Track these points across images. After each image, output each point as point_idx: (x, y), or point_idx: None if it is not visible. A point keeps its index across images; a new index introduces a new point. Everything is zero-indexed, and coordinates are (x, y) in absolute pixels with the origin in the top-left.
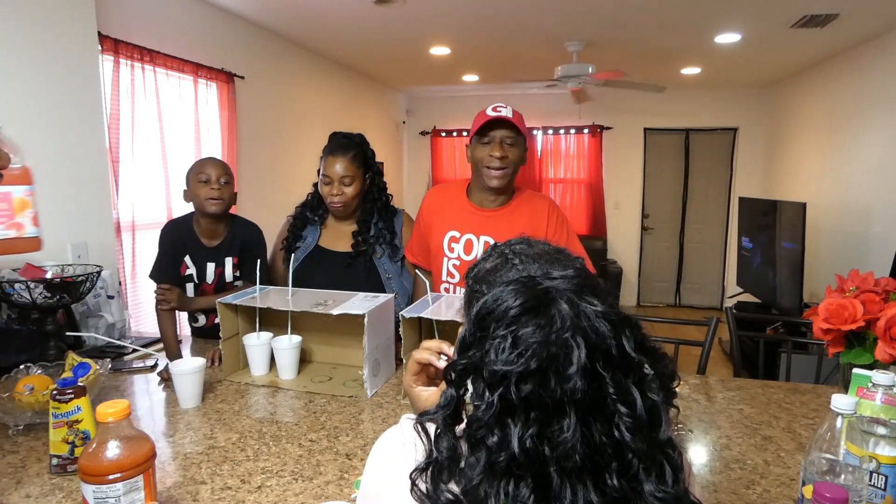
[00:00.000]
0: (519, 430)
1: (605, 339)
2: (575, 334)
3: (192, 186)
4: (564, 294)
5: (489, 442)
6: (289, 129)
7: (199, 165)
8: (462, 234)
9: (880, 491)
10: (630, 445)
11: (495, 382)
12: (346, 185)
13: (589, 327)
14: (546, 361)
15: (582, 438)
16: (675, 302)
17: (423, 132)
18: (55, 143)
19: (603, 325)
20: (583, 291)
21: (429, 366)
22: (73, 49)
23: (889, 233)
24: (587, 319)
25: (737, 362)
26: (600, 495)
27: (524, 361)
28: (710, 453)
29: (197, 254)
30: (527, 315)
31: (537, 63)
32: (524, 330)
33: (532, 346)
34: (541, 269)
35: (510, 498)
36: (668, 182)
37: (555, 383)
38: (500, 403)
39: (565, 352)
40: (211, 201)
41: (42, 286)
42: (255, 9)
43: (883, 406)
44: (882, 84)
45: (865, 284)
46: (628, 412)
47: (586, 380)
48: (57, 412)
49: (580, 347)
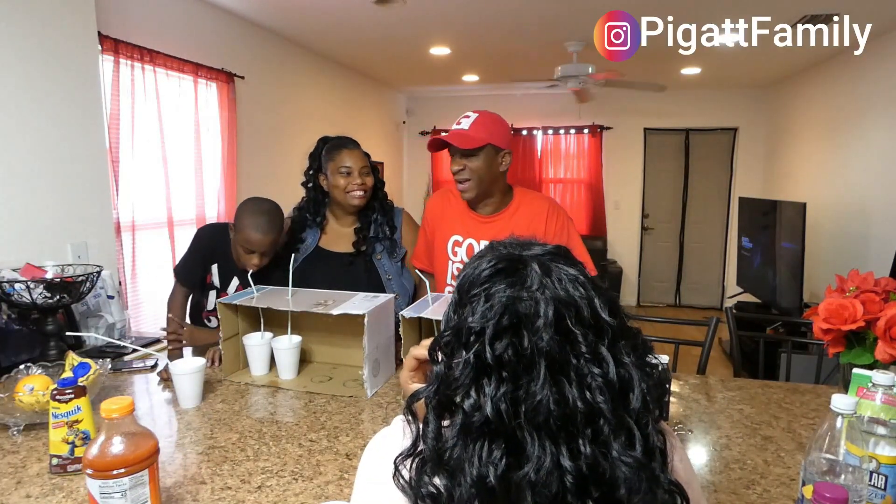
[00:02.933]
0: (492, 391)
1: (576, 300)
2: (544, 290)
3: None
4: (536, 258)
5: (465, 404)
6: (289, 129)
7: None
8: (465, 238)
9: (880, 491)
10: (601, 408)
11: (470, 341)
12: (366, 175)
13: (560, 287)
14: (517, 317)
15: (554, 398)
16: (675, 302)
17: (423, 132)
18: (55, 144)
19: (576, 288)
20: (556, 259)
21: (426, 362)
22: (73, 49)
23: (889, 233)
24: (559, 281)
25: (737, 362)
26: (572, 460)
27: (495, 317)
28: (710, 453)
29: (224, 266)
30: (499, 275)
31: (537, 63)
32: (496, 287)
33: (503, 300)
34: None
35: (483, 463)
36: (668, 182)
37: (526, 340)
38: (475, 362)
39: (535, 307)
40: (251, 266)
41: (42, 286)
42: (255, 9)
43: (883, 406)
44: (882, 84)
45: (865, 284)
46: (600, 372)
47: (558, 336)
48: (57, 412)
49: (549, 304)
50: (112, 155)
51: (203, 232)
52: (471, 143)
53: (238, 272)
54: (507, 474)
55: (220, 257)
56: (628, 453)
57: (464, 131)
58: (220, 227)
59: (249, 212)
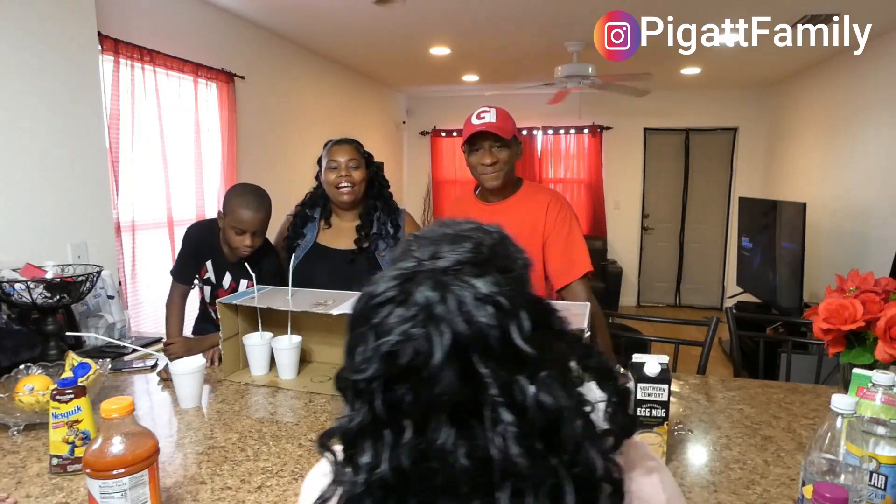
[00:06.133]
0: (390, 445)
1: (481, 329)
2: (438, 322)
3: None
4: (434, 276)
5: (361, 461)
6: (289, 129)
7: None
8: None
9: (880, 491)
10: (515, 461)
11: (360, 389)
12: (353, 168)
13: (461, 313)
14: (408, 358)
15: (465, 451)
16: (675, 302)
17: (423, 132)
18: (55, 143)
19: (483, 311)
20: (463, 271)
21: None
22: (73, 49)
23: (889, 233)
24: (459, 305)
25: (737, 362)
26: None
27: (382, 360)
28: (710, 453)
29: (217, 261)
30: (388, 305)
31: (537, 63)
32: (387, 322)
33: (389, 341)
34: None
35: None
36: (668, 182)
37: (422, 385)
38: (369, 413)
39: (427, 345)
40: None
41: (42, 286)
42: (255, 9)
43: (883, 406)
44: (882, 84)
45: (865, 284)
46: (512, 420)
47: (460, 378)
48: (57, 412)
49: (443, 338)
50: (112, 155)
51: (192, 231)
52: (508, 134)
53: (230, 266)
54: None
55: (213, 253)
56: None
57: (495, 123)
58: (208, 224)
59: (237, 193)
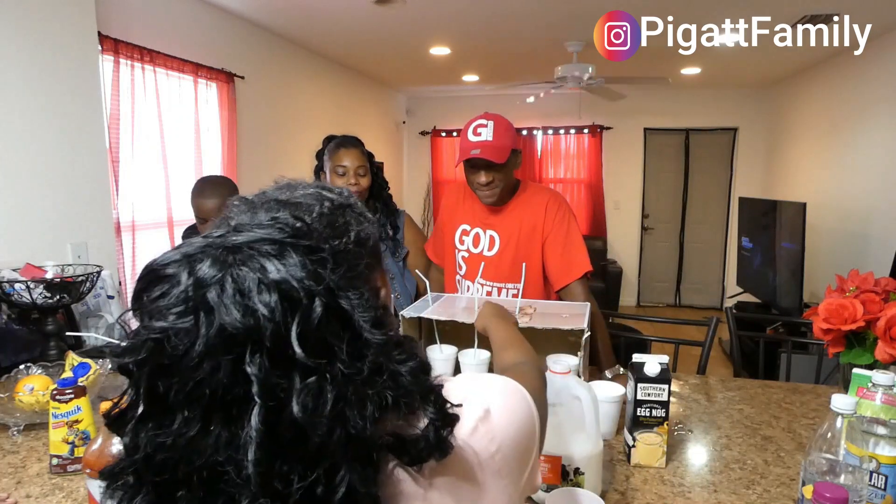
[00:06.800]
0: (150, 431)
1: (257, 320)
2: (207, 311)
3: None
4: (220, 254)
5: (123, 443)
6: (289, 129)
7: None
8: (472, 227)
9: (880, 491)
10: (246, 466)
11: (128, 370)
12: (361, 176)
13: (236, 301)
14: (172, 348)
15: (210, 448)
16: (675, 302)
17: (423, 132)
18: (55, 143)
19: (265, 298)
20: (260, 249)
21: None
22: (73, 49)
23: (889, 233)
24: (238, 290)
25: (737, 362)
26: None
27: (148, 347)
28: (710, 453)
29: None
30: (164, 282)
31: (537, 63)
32: (159, 303)
33: (156, 327)
34: (239, 223)
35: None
36: (668, 182)
37: (182, 375)
38: (136, 395)
39: (193, 334)
40: None
41: (42, 286)
42: (255, 9)
43: (883, 406)
44: (882, 84)
45: (865, 284)
46: (257, 424)
47: (229, 372)
48: (57, 412)
49: (210, 328)
50: (112, 155)
51: (187, 233)
52: (503, 156)
53: None
54: None
55: None
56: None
57: (490, 143)
58: None
59: (197, 186)
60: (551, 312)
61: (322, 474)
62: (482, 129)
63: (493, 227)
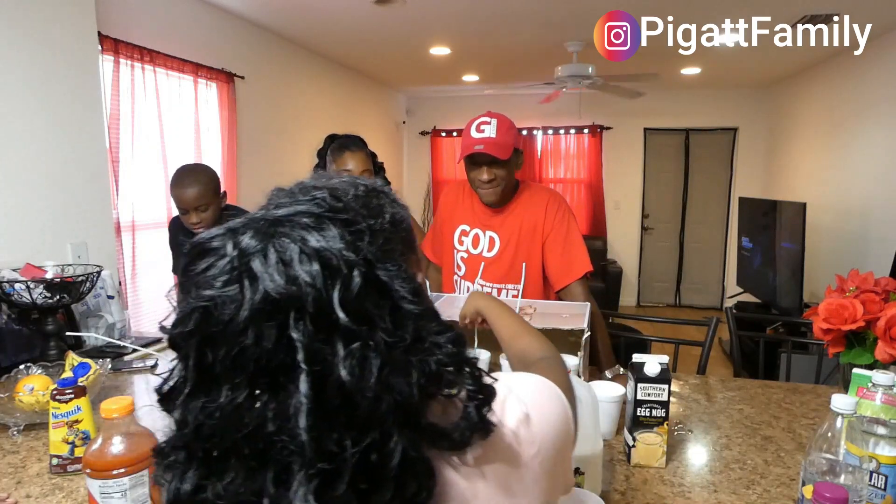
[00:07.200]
0: (197, 405)
1: (299, 287)
2: (252, 279)
3: None
4: (262, 227)
5: (175, 417)
6: (289, 129)
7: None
8: (472, 228)
9: (880, 491)
10: (298, 433)
11: (177, 344)
12: None
13: (279, 269)
14: (220, 314)
15: (258, 415)
16: (675, 302)
17: (423, 132)
18: (55, 143)
19: (307, 267)
20: (299, 222)
21: None
22: (73, 49)
23: (889, 233)
24: (280, 259)
25: (737, 362)
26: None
27: (197, 316)
28: (710, 453)
29: None
30: (211, 255)
31: (537, 63)
32: (206, 274)
33: (205, 296)
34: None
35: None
36: (668, 182)
37: (228, 342)
38: (184, 369)
39: (238, 302)
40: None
41: (42, 286)
42: (255, 9)
43: (883, 406)
44: (882, 84)
45: (865, 284)
46: (307, 390)
47: (275, 339)
48: (57, 412)
49: (255, 295)
50: (112, 155)
51: (171, 224)
52: (507, 153)
53: None
54: None
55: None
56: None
57: (494, 139)
58: None
59: (174, 177)
60: (551, 312)
61: (375, 440)
62: (485, 125)
63: (493, 228)
